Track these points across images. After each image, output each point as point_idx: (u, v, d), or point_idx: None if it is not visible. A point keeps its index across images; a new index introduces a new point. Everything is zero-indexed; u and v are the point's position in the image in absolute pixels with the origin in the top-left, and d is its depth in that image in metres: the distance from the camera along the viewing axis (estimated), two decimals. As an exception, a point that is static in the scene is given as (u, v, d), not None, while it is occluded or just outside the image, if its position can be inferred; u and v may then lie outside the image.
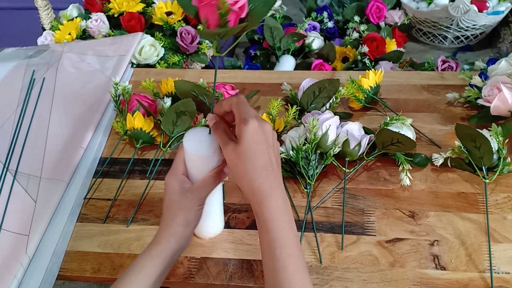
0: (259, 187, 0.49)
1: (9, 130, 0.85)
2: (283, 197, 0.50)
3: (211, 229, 0.67)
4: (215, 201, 0.63)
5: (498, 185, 0.71)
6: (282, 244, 0.48)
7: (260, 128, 0.50)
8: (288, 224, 0.50)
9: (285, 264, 0.48)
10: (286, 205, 0.51)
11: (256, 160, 0.50)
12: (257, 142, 0.50)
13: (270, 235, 0.49)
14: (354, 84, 0.83)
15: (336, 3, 1.51)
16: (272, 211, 0.49)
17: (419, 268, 0.61)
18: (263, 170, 0.50)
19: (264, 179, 0.49)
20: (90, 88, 0.95)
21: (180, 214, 0.55)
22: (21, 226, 0.69)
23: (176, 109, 0.76)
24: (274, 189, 0.50)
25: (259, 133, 0.50)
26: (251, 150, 0.50)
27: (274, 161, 0.51)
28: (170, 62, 1.15)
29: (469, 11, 1.28)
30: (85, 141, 0.83)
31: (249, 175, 0.50)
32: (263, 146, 0.50)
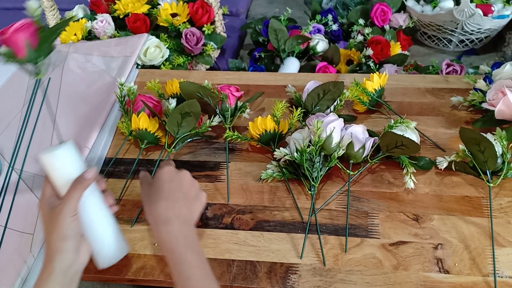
0: (158, 215, 0.56)
1: (14, 130, 0.86)
2: (180, 225, 0.56)
3: (100, 253, 0.60)
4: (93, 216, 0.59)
5: (502, 189, 0.71)
6: (183, 261, 0.53)
7: (174, 172, 0.61)
8: (186, 244, 0.55)
9: (189, 275, 0.52)
10: (183, 231, 0.56)
11: (160, 194, 0.58)
12: (165, 181, 0.59)
13: (172, 255, 0.54)
14: (359, 87, 0.83)
15: (341, 6, 1.51)
16: (170, 234, 0.55)
17: (423, 272, 0.61)
18: (164, 201, 0.57)
19: (164, 210, 0.57)
20: (96, 88, 0.96)
21: (54, 230, 0.55)
22: (26, 225, 0.69)
23: (181, 110, 0.76)
24: (172, 218, 0.56)
25: (171, 175, 0.60)
26: (159, 187, 0.59)
27: (180, 198, 0.59)
28: (175, 63, 1.15)
29: (474, 14, 1.28)
30: (90, 141, 0.83)
31: (151, 206, 0.58)
32: (171, 184, 0.59)
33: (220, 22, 1.26)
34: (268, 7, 1.82)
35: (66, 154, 0.58)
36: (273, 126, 0.76)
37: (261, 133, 0.77)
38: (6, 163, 0.79)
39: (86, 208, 0.58)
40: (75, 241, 0.55)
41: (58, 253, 0.54)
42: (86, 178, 0.57)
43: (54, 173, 0.58)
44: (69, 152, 0.58)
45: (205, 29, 1.20)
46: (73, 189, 0.56)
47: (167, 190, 0.59)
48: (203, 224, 0.70)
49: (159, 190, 0.59)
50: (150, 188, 0.60)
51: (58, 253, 0.54)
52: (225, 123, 0.82)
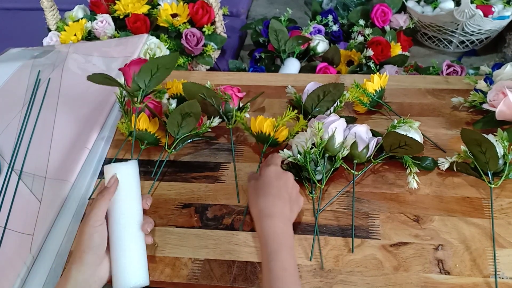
0: (263, 208, 0.58)
1: (14, 130, 0.86)
2: (283, 222, 0.58)
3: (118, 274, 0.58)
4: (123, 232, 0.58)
5: (503, 190, 0.70)
6: (277, 258, 0.54)
7: (280, 171, 0.64)
8: (284, 243, 0.56)
9: (280, 276, 0.53)
10: (285, 229, 0.58)
11: (268, 189, 0.60)
12: (273, 178, 0.62)
13: (267, 249, 0.55)
14: (359, 88, 0.83)
15: (341, 7, 1.51)
16: (271, 229, 0.56)
17: (423, 273, 0.61)
18: (272, 197, 0.59)
19: (270, 204, 0.59)
20: (96, 89, 0.96)
21: (78, 238, 0.56)
22: (25, 226, 0.69)
23: (181, 110, 0.76)
24: (277, 213, 0.58)
25: (278, 174, 0.63)
26: (266, 182, 0.61)
27: (286, 197, 0.61)
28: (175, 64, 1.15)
29: (475, 15, 1.28)
30: (90, 142, 0.83)
31: (258, 200, 0.60)
32: (277, 182, 0.61)
33: (220, 22, 1.26)
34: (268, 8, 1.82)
35: (123, 167, 0.62)
36: (269, 130, 0.76)
37: (257, 132, 0.77)
38: (6, 163, 0.79)
39: (116, 225, 0.58)
40: (95, 255, 0.55)
41: (77, 263, 0.54)
42: (106, 186, 0.59)
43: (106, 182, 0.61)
44: (129, 167, 0.62)
45: (206, 29, 1.20)
46: (97, 199, 0.57)
47: (275, 187, 0.61)
48: (204, 225, 0.70)
49: (267, 185, 0.61)
50: (257, 182, 0.63)
51: (76, 264, 0.54)
52: (229, 123, 0.82)
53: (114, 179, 0.60)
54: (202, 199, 0.74)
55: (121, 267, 0.58)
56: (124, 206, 0.60)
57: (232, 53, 1.41)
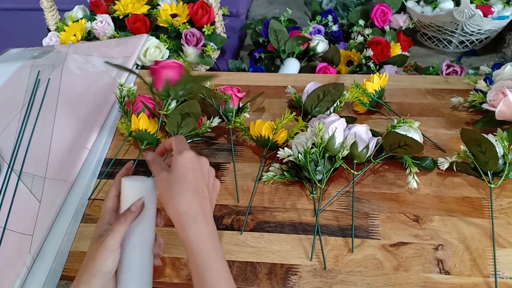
0: (184, 212, 0.50)
1: (14, 131, 0.85)
2: (207, 222, 0.51)
3: None
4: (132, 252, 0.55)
5: (503, 190, 0.70)
6: (211, 268, 0.49)
7: (195, 159, 0.54)
8: (213, 247, 0.50)
9: (216, 285, 0.49)
10: (210, 229, 0.51)
11: (184, 185, 0.51)
12: (189, 170, 0.52)
13: (198, 259, 0.50)
14: (359, 88, 0.83)
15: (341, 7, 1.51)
16: (197, 235, 0.50)
17: (423, 272, 0.61)
18: (190, 195, 0.51)
19: (189, 204, 0.51)
20: (95, 89, 0.96)
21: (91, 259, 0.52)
22: (25, 226, 0.69)
23: (181, 110, 0.76)
24: (199, 214, 0.51)
25: (193, 162, 0.53)
26: (181, 177, 0.52)
27: (205, 191, 0.53)
28: (175, 64, 1.15)
29: (474, 15, 1.28)
30: (90, 142, 0.83)
31: (175, 199, 0.51)
32: (194, 174, 0.53)
33: (220, 22, 1.26)
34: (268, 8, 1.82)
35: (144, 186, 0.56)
36: (268, 133, 0.76)
37: (256, 136, 0.77)
38: (6, 163, 0.79)
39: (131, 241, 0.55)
40: (104, 279, 0.52)
41: (85, 285, 0.51)
42: (132, 210, 0.54)
43: (125, 200, 0.56)
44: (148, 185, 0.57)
45: (205, 29, 1.20)
46: (119, 222, 0.53)
47: (192, 182, 0.52)
48: (203, 225, 0.69)
49: (183, 180, 0.52)
50: (171, 176, 0.53)
51: (85, 285, 0.51)
52: (228, 123, 0.82)
53: (140, 205, 0.55)
54: (202, 199, 0.73)
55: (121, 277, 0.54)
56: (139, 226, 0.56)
57: (232, 53, 1.41)
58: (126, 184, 0.56)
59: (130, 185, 0.57)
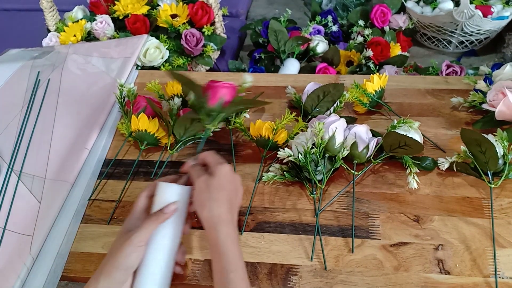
0: (218, 215, 0.56)
1: (14, 131, 0.85)
2: (235, 229, 0.57)
3: None
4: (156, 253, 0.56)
5: (503, 190, 0.70)
6: (235, 268, 0.53)
7: (232, 173, 0.60)
8: (239, 251, 0.55)
9: (238, 286, 0.52)
10: (237, 236, 0.56)
11: (222, 193, 0.57)
12: (228, 181, 0.59)
13: (224, 259, 0.54)
14: (359, 89, 0.83)
15: (341, 7, 1.52)
16: (227, 237, 0.55)
17: (424, 273, 0.61)
18: (225, 202, 0.57)
19: (224, 210, 0.56)
20: (95, 89, 0.96)
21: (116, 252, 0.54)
22: (25, 227, 0.69)
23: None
24: (229, 221, 0.56)
25: (231, 175, 0.60)
26: (221, 184, 0.58)
27: (235, 203, 0.59)
28: (175, 64, 1.15)
29: (474, 16, 1.28)
30: (90, 142, 0.83)
31: (211, 202, 0.56)
32: (231, 186, 0.59)
33: (220, 23, 1.26)
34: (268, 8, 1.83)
35: (179, 192, 0.60)
36: (268, 134, 0.76)
37: (257, 136, 0.77)
38: (5, 164, 0.79)
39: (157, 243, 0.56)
40: (125, 273, 0.54)
41: (106, 277, 0.53)
42: (164, 212, 0.57)
43: (158, 201, 0.59)
44: (183, 193, 0.60)
45: (205, 30, 1.20)
46: (149, 220, 0.56)
47: (227, 191, 0.58)
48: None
49: (221, 188, 0.58)
50: (211, 180, 0.58)
51: (105, 277, 0.53)
52: (228, 124, 0.82)
53: (173, 208, 0.58)
54: (202, 199, 0.73)
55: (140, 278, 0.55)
56: (167, 229, 0.58)
57: (232, 53, 1.41)
58: (162, 186, 0.60)
59: (167, 188, 0.60)
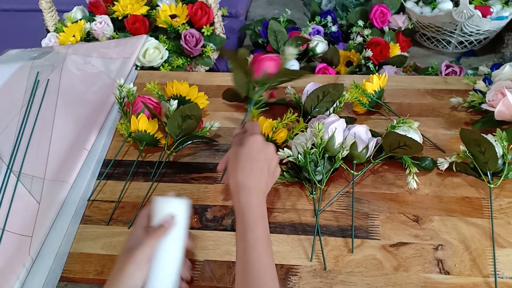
0: (242, 182, 0.58)
1: (13, 131, 0.85)
2: (258, 196, 0.58)
3: None
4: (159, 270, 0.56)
5: (503, 190, 0.70)
6: (252, 229, 0.55)
7: (264, 143, 0.62)
8: (260, 216, 0.56)
9: (254, 245, 0.53)
10: (260, 202, 0.58)
11: (248, 161, 0.59)
12: (257, 150, 0.60)
13: (244, 221, 0.55)
14: (358, 89, 0.83)
15: (340, 7, 1.52)
16: (248, 202, 0.56)
17: (423, 273, 0.61)
18: (251, 171, 0.58)
19: (248, 178, 0.58)
20: (95, 90, 0.96)
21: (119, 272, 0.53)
22: (24, 227, 0.69)
23: (182, 112, 0.76)
24: (254, 188, 0.58)
25: (261, 145, 0.61)
26: (248, 153, 0.60)
27: (264, 171, 0.60)
28: (174, 64, 1.15)
29: (473, 16, 1.28)
30: (89, 143, 0.83)
31: (238, 170, 0.58)
32: (260, 155, 0.60)
33: (219, 23, 1.26)
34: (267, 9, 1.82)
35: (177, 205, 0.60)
36: (268, 131, 0.76)
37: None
38: (5, 164, 0.79)
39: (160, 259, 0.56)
40: None
41: None
42: (164, 225, 0.58)
43: (157, 216, 0.59)
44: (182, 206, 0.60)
45: (204, 30, 1.20)
46: (149, 236, 0.56)
47: (255, 160, 0.60)
48: (203, 226, 0.70)
49: (248, 157, 0.60)
50: (240, 150, 0.60)
51: None
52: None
53: (172, 221, 0.58)
54: (202, 200, 0.73)
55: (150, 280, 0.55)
56: (169, 244, 0.58)
57: (231, 54, 1.41)
58: (160, 200, 0.60)
59: (164, 202, 0.59)
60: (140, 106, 0.82)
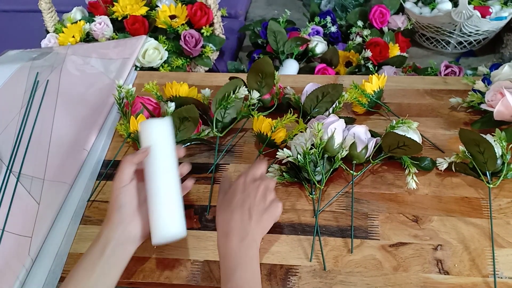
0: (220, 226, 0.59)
1: (12, 132, 0.85)
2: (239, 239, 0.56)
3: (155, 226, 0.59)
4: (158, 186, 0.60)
5: (502, 190, 0.71)
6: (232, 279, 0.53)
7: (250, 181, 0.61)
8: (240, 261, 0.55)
9: None
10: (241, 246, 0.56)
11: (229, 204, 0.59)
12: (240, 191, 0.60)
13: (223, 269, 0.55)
14: (358, 89, 0.83)
15: (340, 8, 1.52)
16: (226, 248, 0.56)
17: (423, 273, 0.61)
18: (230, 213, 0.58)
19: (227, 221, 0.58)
20: (94, 90, 0.96)
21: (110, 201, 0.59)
22: (24, 228, 0.69)
23: (179, 114, 0.76)
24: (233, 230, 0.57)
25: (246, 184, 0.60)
26: (228, 198, 0.60)
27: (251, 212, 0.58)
28: (174, 65, 1.15)
29: (472, 16, 1.28)
30: (89, 144, 0.83)
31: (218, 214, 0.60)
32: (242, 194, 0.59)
33: (219, 24, 1.26)
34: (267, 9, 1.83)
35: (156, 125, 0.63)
36: (266, 130, 0.76)
37: (257, 131, 0.77)
38: (4, 165, 0.79)
39: (153, 177, 0.60)
40: (123, 213, 0.58)
41: (106, 223, 0.58)
42: (137, 153, 0.60)
43: (142, 140, 0.63)
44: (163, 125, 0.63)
45: (204, 31, 1.20)
46: (123, 162, 0.60)
47: (237, 200, 0.59)
48: (203, 227, 0.70)
49: (229, 200, 0.59)
50: (224, 196, 0.61)
51: (106, 223, 0.58)
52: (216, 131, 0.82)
53: (146, 149, 0.61)
54: (201, 200, 0.73)
55: (157, 220, 0.59)
56: (158, 161, 0.61)
57: (231, 54, 1.41)
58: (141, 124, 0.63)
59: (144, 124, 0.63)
60: (139, 106, 0.82)
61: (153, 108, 0.83)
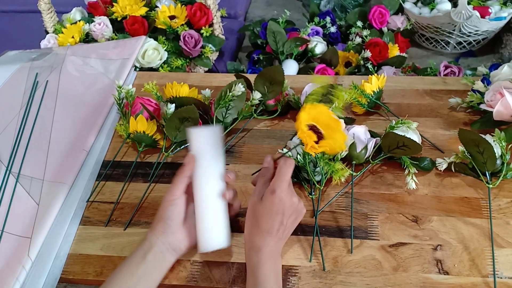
0: (253, 241, 0.58)
1: (12, 133, 0.85)
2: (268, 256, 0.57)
3: (201, 235, 0.61)
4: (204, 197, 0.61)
5: (501, 190, 0.71)
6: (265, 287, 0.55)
7: (285, 199, 0.58)
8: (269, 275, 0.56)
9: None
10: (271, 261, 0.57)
11: (264, 223, 0.58)
12: (275, 212, 0.58)
13: (255, 279, 0.56)
14: (357, 90, 0.83)
15: (339, 8, 1.52)
16: (256, 263, 0.57)
17: (422, 273, 0.61)
18: (264, 232, 0.58)
19: (260, 238, 0.58)
20: (93, 91, 0.96)
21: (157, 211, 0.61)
22: (23, 229, 0.69)
23: (179, 115, 0.76)
24: (263, 248, 0.57)
25: (281, 206, 0.58)
26: (265, 214, 0.58)
27: (280, 231, 0.59)
28: (173, 65, 1.15)
29: (472, 17, 1.28)
30: (88, 144, 0.83)
31: (252, 229, 0.59)
32: (276, 216, 0.58)
33: (218, 24, 1.26)
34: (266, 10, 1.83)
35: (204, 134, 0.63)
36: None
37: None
38: (4, 166, 0.79)
39: (200, 189, 0.61)
40: (166, 224, 0.60)
41: (151, 230, 0.61)
42: (186, 164, 0.62)
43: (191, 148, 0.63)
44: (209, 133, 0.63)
45: (204, 31, 1.20)
46: (177, 175, 0.61)
47: (271, 221, 0.58)
48: (202, 227, 0.69)
49: (264, 217, 0.58)
50: (258, 206, 0.59)
51: (151, 230, 0.61)
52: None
53: (191, 157, 0.62)
54: (201, 200, 0.73)
55: (204, 231, 0.61)
56: (206, 172, 0.62)
57: (230, 55, 1.41)
58: (191, 133, 0.63)
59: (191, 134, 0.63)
60: (139, 107, 0.82)
61: (153, 109, 0.83)
